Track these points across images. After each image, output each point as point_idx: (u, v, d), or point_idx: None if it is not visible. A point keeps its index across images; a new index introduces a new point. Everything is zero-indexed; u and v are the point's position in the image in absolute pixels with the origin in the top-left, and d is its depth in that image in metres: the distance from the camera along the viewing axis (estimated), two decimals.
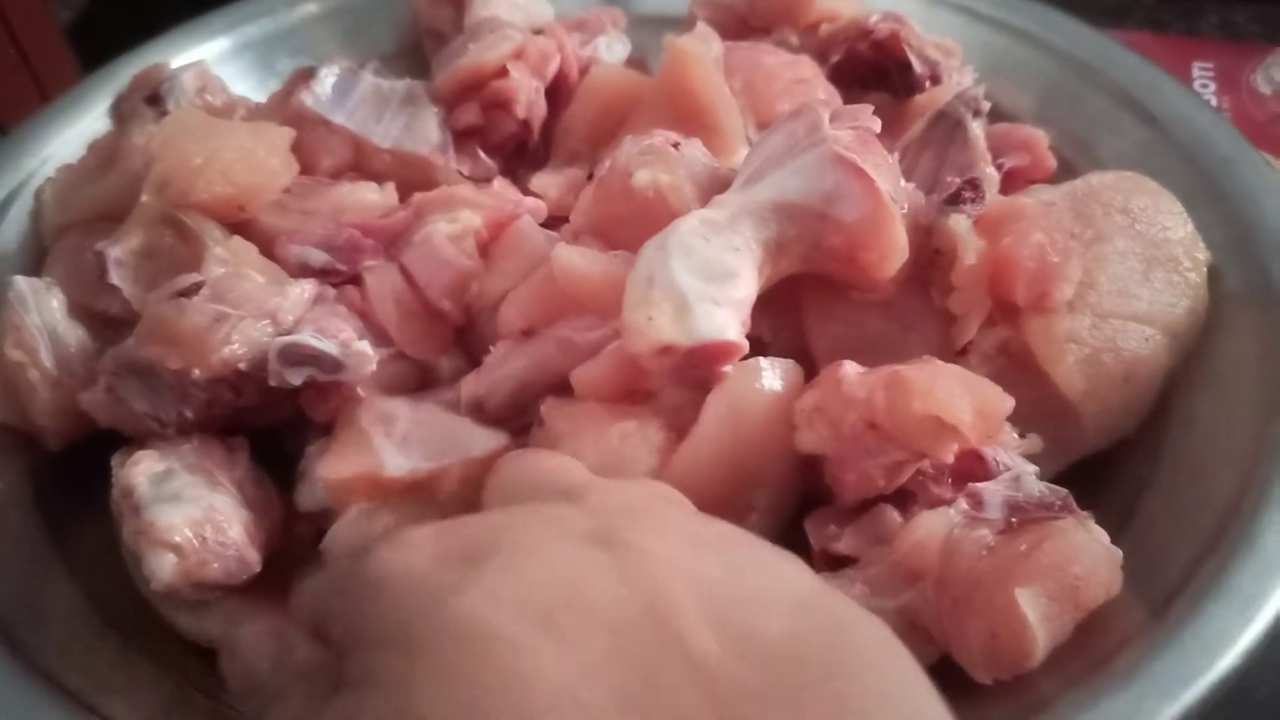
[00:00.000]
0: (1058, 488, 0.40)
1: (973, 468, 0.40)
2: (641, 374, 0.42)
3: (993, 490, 0.39)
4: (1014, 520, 0.38)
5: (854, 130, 0.43)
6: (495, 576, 0.25)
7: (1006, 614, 0.37)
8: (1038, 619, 0.37)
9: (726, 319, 0.40)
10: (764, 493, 0.43)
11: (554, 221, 0.54)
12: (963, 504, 0.39)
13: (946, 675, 0.36)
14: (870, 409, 0.40)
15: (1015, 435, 0.43)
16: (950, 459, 0.40)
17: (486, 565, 0.26)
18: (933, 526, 0.39)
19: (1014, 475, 0.39)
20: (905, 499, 0.42)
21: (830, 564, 0.42)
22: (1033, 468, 0.41)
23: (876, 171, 0.42)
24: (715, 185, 0.46)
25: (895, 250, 0.43)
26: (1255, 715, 0.46)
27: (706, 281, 0.40)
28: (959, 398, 0.39)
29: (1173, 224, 0.48)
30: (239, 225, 0.50)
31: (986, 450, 0.40)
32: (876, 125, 0.45)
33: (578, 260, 0.44)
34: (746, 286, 0.41)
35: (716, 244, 0.41)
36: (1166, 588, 0.38)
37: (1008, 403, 0.41)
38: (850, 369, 0.41)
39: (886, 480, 0.41)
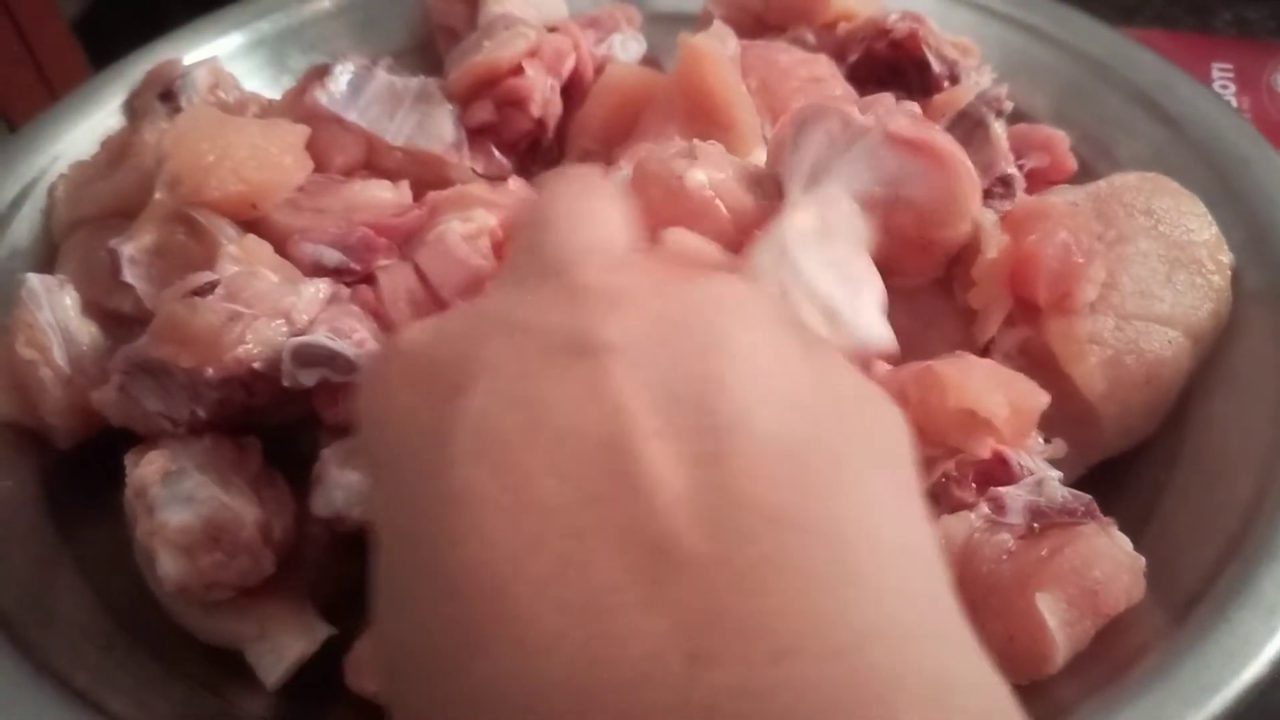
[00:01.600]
0: (1081, 493, 0.40)
1: (996, 471, 0.40)
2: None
3: (1014, 494, 0.39)
4: (1036, 525, 0.38)
5: (907, 112, 0.43)
6: (457, 422, 0.24)
7: (1025, 618, 0.36)
8: (1057, 624, 0.36)
9: (879, 323, 0.39)
10: None
11: None
12: (984, 508, 0.39)
13: None
14: (902, 404, 0.39)
15: (1040, 439, 0.42)
16: (985, 454, 0.40)
17: (449, 406, 0.24)
18: (953, 530, 0.39)
19: (1037, 479, 0.39)
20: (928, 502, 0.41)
21: None
22: (1056, 472, 0.40)
23: (947, 143, 0.41)
24: (753, 184, 0.45)
25: (970, 218, 0.42)
26: None
27: (843, 285, 0.39)
28: (994, 392, 0.39)
29: (1196, 226, 0.48)
30: (252, 223, 0.50)
31: (1010, 454, 0.40)
32: (916, 109, 0.45)
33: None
34: (878, 287, 0.40)
35: (832, 247, 0.40)
36: (1187, 592, 0.38)
37: (1043, 398, 0.40)
38: (878, 365, 0.40)
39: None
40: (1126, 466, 0.46)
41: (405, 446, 0.26)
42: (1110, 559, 0.38)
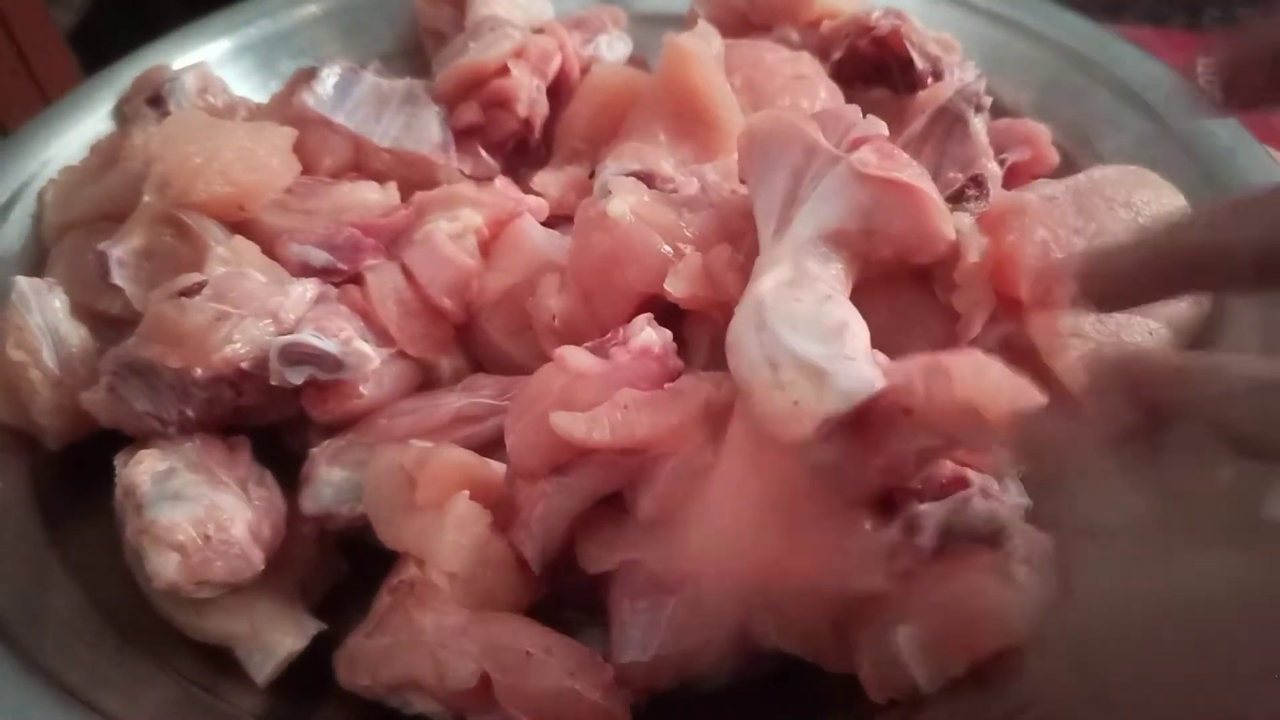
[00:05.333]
0: (1006, 515, 0.39)
1: (956, 486, 0.40)
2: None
3: (930, 514, 0.38)
4: (942, 549, 0.38)
5: (872, 145, 0.43)
6: None
7: (888, 648, 0.37)
8: (913, 658, 0.37)
9: (867, 370, 0.39)
10: None
11: (555, 220, 0.54)
12: (896, 527, 0.39)
13: None
14: (908, 394, 0.39)
15: None
16: (986, 447, 0.40)
17: None
18: (869, 545, 0.39)
19: (962, 498, 0.39)
20: (887, 512, 0.41)
21: None
22: (1022, 499, 0.41)
23: (914, 178, 0.42)
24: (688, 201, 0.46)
25: (947, 241, 0.43)
26: None
27: (825, 341, 0.39)
28: (1001, 390, 0.39)
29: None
30: (240, 225, 0.51)
31: (972, 474, 0.40)
32: (883, 127, 0.45)
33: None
34: (861, 329, 0.40)
35: (808, 299, 0.40)
36: None
37: (1042, 400, 0.40)
38: (879, 356, 0.41)
39: (917, 466, 0.41)
40: None
41: None
42: (986, 600, 0.37)
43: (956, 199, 0.46)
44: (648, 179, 0.52)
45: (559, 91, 0.60)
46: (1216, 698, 0.26)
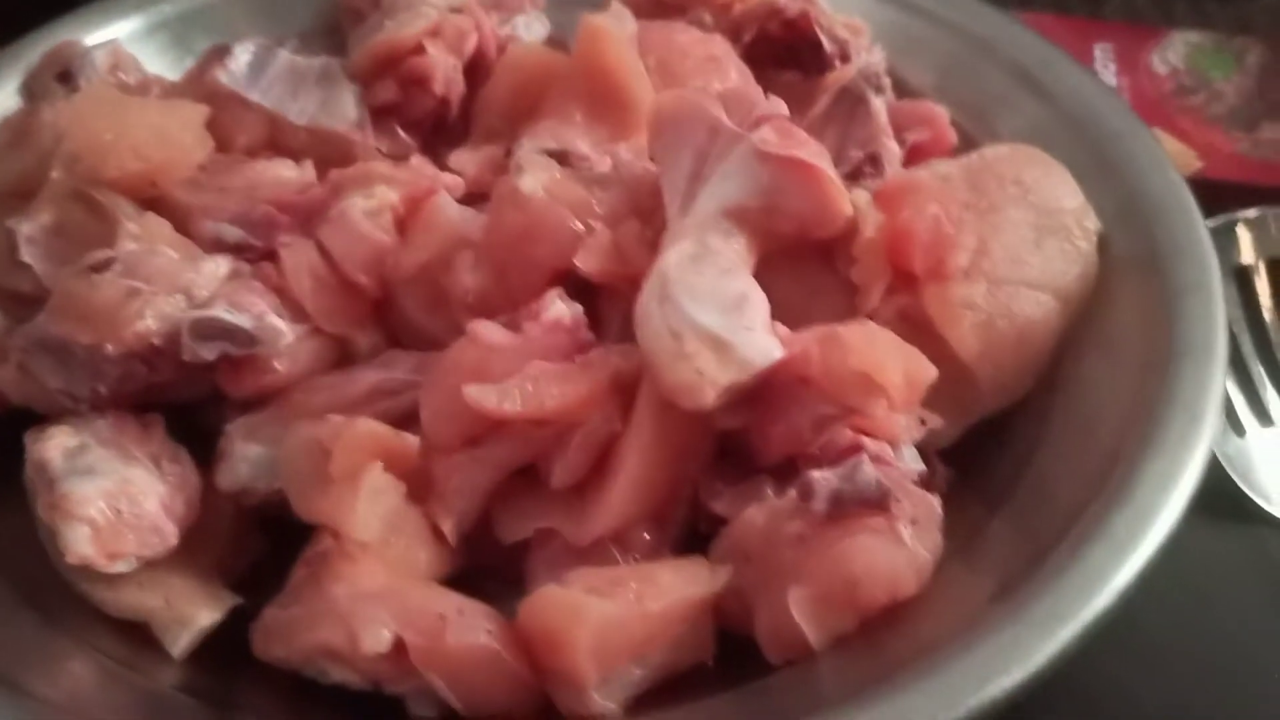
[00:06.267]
0: (895, 478, 0.41)
1: (852, 454, 0.42)
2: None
3: (822, 480, 0.40)
4: (833, 513, 0.40)
5: (773, 125, 0.45)
6: None
7: (781, 609, 0.39)
8: (804, 617, 0.39)
9: (766, 340, 0.41)
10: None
11: (471, 198, 0.55)
12: (792, 493, 0.41)
13: None
14: (805, 363, 0.41)
15: (919, 420, 0.44)
16: (879, 415, 0.42)
17: None
18: (755, 513, 0.41)
19: (853, 464, 0.40)
20: (786, 476, 0.43)
21: (709, 521, 0.44)
22: (916, 465, 0.43)
23: (812, 156, 0.43)
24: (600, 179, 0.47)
25: (844, 217, 0.44)
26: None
27: (725, 313, 0.41)
28: (892, 359, 0.41)
29: (1064, 194, 0.50)
30: (152, 202, 0.50)
31: (867, 440, 0.42)
32: (784, 108, 0.47)
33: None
34: (761, 301, 0.42)
35: (710, 273, 0.42)
36: (1051, 534, 0.40)
37: (932, 371, 0.42)
38: (780, 328, 0.42)
39: (814, 434, 0.43)
40: (1005, 423, 0.49)
41: None
42: (876, 556, 0.39)
43: (854, 177, 0.48)
44: (563, 157, 0.53)
45: (476, 71, 0.61)
46: None
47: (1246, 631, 0.50)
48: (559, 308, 0.44)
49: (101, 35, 0.64)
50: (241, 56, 0.56)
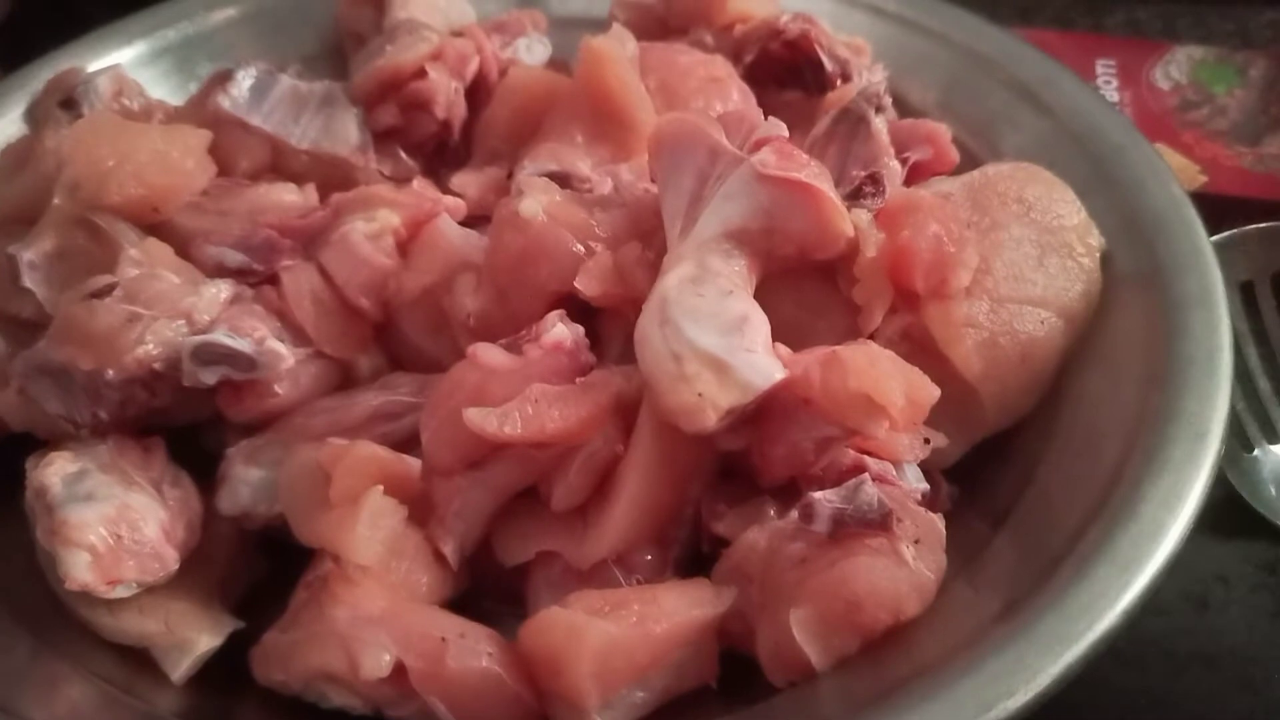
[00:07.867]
0: (897, 498, 0.41)
1: (854, 474, 0.41)
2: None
3: (824, 501, 0.40)
4: (835, 534, 0.39)
5: (772, 147, 0.45)
6: None
7: (783, 630, 0.39)
8: (806, 638, 0.38)
9: (766, 362, 0.41)
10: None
11: (475, 220, 0.55)
12: (794, 514, 0.40)
13: None
14: (806, 385, 0.41)
15: (921, 439, 0.44)
16: (881, 436, 0.42)
17: None
18: (757, 534, 0.41)
19: (855, 484, 0.40)
20: (789, 497, 0.43)
21: (711, 542, 0.44)
22: (919, 484, 0.43)
23: (812, 178, 0.43)
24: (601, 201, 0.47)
25: (845, 238, 0.44)
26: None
27: (726, 334, 0.41)
28: (893, 380, 0.41)
29: (1066, 211, 0.50)
30: (154, 227, 0.51)
31: (870, 461, 0.42)
32: (784, 129, 0.47)
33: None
34: (761, 322, 0.42)
35: (711, 295, 0.42)
36: (1055, 552, 0.40)
37: (934, 391, 0.42)
38: (780, 349, 0.42)
39: (816, 455, 0.42)
40: (1007, 439, 0.49)
41: None
42: (878, 576, 0.39)
43: (855, 196, 0.47)
44: (564, 179, 0.53)
45: (478, 93, 0.61)
46: None
47: (1255, 646, 0.50)
48: (560, 330, 0.44)
49: (105, 61, 0.64)
50: (244, 81, 0.56)
